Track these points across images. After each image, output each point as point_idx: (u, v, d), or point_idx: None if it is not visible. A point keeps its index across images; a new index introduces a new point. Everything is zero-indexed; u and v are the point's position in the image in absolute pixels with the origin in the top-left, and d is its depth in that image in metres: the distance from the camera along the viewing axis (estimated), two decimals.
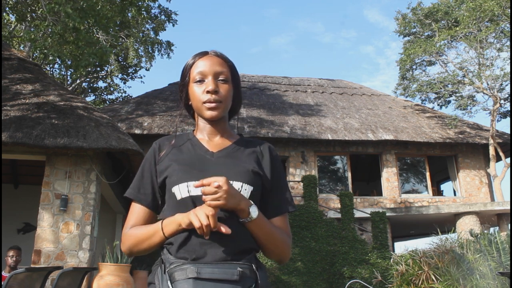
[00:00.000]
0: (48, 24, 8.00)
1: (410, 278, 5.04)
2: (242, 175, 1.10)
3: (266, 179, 1.16)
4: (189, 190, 1.07)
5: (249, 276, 1.04)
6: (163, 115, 12.45)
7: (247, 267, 1.05)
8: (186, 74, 1.20)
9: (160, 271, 1.06)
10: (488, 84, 12.91)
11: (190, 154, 1.16)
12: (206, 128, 1.21)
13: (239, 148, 1.19)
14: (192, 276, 1.00)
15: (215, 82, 1.16)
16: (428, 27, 14.62)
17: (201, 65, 1.18)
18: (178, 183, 1.09)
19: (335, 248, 9.23)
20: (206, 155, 1.16)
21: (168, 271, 1.04)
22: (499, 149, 12.38)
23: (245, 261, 1.06)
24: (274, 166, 1.20)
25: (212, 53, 1.21)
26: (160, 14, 15.59)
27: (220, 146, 1.19)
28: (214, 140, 1.21)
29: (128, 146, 6.52)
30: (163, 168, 1.14)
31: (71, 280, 4.22)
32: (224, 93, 1.16)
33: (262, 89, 16.07)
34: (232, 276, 1.01)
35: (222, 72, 1.17)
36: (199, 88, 1.16)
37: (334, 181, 13.56)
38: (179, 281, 1.01)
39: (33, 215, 6.94)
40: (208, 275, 1.00)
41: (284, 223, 1.18)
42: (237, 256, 1.05)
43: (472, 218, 10.77)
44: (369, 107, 15.05)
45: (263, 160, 1.19)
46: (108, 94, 20.10)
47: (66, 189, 6.53)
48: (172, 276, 1.02)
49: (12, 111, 6.60)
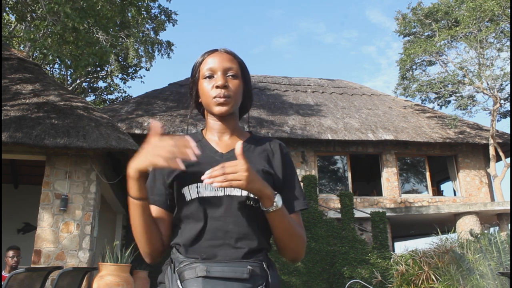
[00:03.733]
0: (48, 24, 8.00)
1: (410, 278, 5.04)
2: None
3: (277, 177, 1.15)
4: (198, 191, 1.07)
5: (259, 274, 1.03)
6: (163, 115, 12.44)
7: (257, 266, 1.04)
8: (196, 71, 1.20)
9: (170, 271, 1.05)
10: (488, 84, 12.91)
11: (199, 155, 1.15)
12: (215, 125, 1.20)
13: (249, 147, 1.18)
14: (202, 274, 0.99)
15: (225, 77, 1.16)
16: (428, 27, 14.62)
17: (211, 61, 1.18)
18: (188, 184, 1.08)
19: (335, 248, 9.23)
20: (216, 156, 1.15)
21: (178, 270, 1.03)
22: (499, 149, 12.38)
23: (256, 260, 1.05)
24: (286, 163, 1.19)
25: (221, 50, 1.21)
26: (160, 14, 15.59)
27: (230, 147, 1.17)
28: (224, 140, 1.20)
29: (128, 146, 6.52)
30: (172, 169, 1.12)
31: (71, 280, 4.22)
32: (234, 88, 1.16)
33: (262, 89, 16.06)
34: (242, 274, 1.00)
35: (232, 68, 1.17)
36: (209, 84, 1.16)
37: (334, 181, 13.55)
38: (188, 280, 1.00)
39: (33, 215, 6.94)
40: (218, 273, 0.99)
41: (299, 220, 1.17)
42: (247, 256, 1.04)
43: (472, 218, 10.77)
44: (369, 107, 15.05)
45: (274, 159, 1.18)
46: (108, 94, 20.10)
47: (66, 189, 6.53)
48: (182, 275, 1.01)
49: (12, 111, 6.59)
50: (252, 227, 1.07)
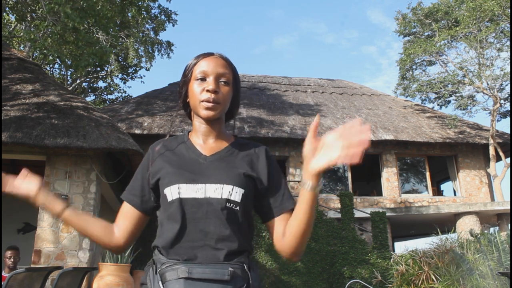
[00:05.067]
0: (48, 24, 8.00)
1: (410, 278, 5.04)
2: (233, 179, 1.10)
3: (260, 181, 1.15)
4: (179, 192, 1.08)
5: (240, 276, 1.04)
6: (163, 115, 12.44)
7: (238, 267, 1.05)
8: (189, 71, 1.20)
9: (152, 272, 1.07)
10: (488, 84, 12.90)
11: (183, 157, 1.17)
12: (201, 128, 1.21)
13: (233, 151, 1.19)
14: (183, 276, 1.01)
15: (217, 83, 1.15)
16: (428, 27, 14.61)
17: (204, 64, 1.17)
18: (170, 185, 1.10)
19: (335, 248, 9.23)
20: (199, 158, 1.16)
21: (160, 271, 1.04)
22: (499, 149, 12.37)
23: (237, 262, 1.06)
24: (271, 166, 1.19)
25: (217, 55, 1.21)
26: (160, 14, 15.59)
27: (214, 150, 1.18)
28: (208, 143, 1.20)
29: (128, 146, 6.52)
30: (156, 170, 1.15)
31: (71, 280, 4.22)
32: (224, 95, 1.16)
33: (262, 89, 16.06)
34: (223, 276, 1.01)
35: (224, 74, 1.17)
36: (199, 87, 1.16)
37: (334, 181, 13.55)
38: (170, 281, 1.01)
39: (33, 215, 6.93)
40: (199, 275, 1.01)
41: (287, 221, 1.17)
42: (228, 257, 1.05)
43: (472, 218, 10.77)
44: (369, 107, 15.05)
45: (259, 162, 1.18)
46: (108, 94, 20.11)
47: (66, 189, 6.53)
48: (164, 276, 1.03)
49: (12, 111, 6.59)
50: (232, 229, 1.07)
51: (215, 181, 1.09)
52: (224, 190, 1.08)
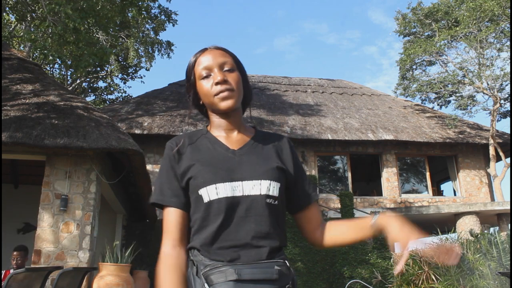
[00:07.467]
0: (48, 24, 8.00)
1: (410, 278, 5.04)
2: (269, 173, 1.08)
3: (289, 173, 1.15)
4: (217, 192, 1.04)
5: (285, 273, 1.03)
6: (163, 115, 12.44)
7: (283, 265, 1.04)
8: (191, 73, 1.17)
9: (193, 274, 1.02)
10: (488, 84, 12.91)
11: (211, 153, 1.12)
12: (221, 123, 1.17)
13: (258, 143, 1.17)
14: (233, 278, 0.97)
15: (222, 73, 1.13)
16: (428, 27, 14.62)
17: (204, 60, 1.15)
18: (206, 185, 1.05)
19: (335, 248, 9.23)
20: (228, 153, 1.12)
21: (203, 273, 1.00)
22: (499, 149, 12.38)
23: (279, 258, 1.04)
24: (295, 158, 1.20)
25: (212, 47, 1.18)
26: (160, 14, 15.59)
27: (240, 143, 1.15)
28: (232, 136, 1.17)
29: (128, 146, 6.52)
30: (185, 169, 1.10)
31: (71, 280, 4.23)
32: (234, 81, 1.13)
33: (262, 89, 16.06)
34: (272, 275, 1.00)
35: (226, 62, 1.15)
36: (207, 83, 1.13)
37: (334, 181, 13.56)
38: (218, 284, 0.97)
39: (33, 215, 6.93)
40: (248, 276, 0.98)
41: (319, 210, 1.20)
42: (270, 255, 1.03)
43: (472, 218, 10.76)
44: (369, 107, 15.05)
45: (283, 154, 1.17)
46: (108, 94, 20.12)
47: (66, 189, 6.53)
48: (209, 278, 0.99)
49: (12, 111, 6.59)
50: (273, 225, 1.06)
51: (251, 177, 1.06)
52: (262, 186, 1.06)
